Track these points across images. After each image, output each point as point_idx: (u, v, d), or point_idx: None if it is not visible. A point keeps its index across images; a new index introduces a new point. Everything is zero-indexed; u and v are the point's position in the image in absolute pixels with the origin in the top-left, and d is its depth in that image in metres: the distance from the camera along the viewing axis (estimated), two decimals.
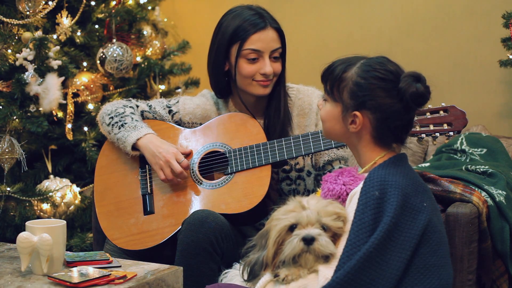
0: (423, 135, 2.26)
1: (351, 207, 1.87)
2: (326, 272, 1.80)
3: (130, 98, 2.66)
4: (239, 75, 2.46)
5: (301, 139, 2.39)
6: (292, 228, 1.85)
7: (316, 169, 2.53)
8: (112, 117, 2.53)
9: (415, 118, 2.25)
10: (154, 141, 2.45)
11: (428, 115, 2.26)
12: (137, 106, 2.61)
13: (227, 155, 2.45)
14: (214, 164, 2.49)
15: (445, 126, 2.24)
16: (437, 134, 2.25)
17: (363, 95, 1.89)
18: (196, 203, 2.41)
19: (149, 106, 2.62)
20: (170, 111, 2.61)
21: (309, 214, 1.84)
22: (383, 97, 1.88)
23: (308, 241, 1.81)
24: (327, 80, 1.97)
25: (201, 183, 2.45)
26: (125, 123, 2.49)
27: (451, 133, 2.24)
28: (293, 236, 1.83)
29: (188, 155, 2.48)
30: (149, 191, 2.50)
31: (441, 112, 2.26)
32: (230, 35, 2.44)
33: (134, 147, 2.48)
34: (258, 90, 2.46)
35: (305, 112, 2.53)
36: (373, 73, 1.89)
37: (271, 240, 1.86)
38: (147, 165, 2.53)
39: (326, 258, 1.83)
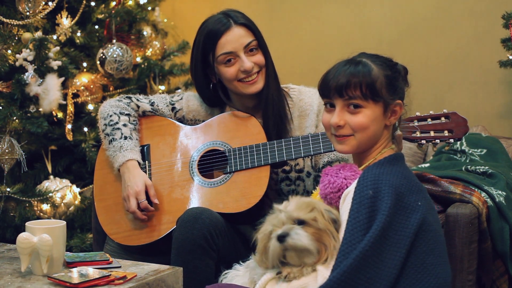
0: (423, 141, 2.25)
1: (345, 207, 1.87)
2: (325, 271, 1.80)
3: (131, 96, 2.64)
4: (225, 81, 2.47)
5: (301, 141, 2.39)
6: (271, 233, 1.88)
7: (315, 170, 2.52)
8: (106, 125, 2.54)
9: (416, 124, 2.25)
10: (130, 170, 2.45)
11: (429, 121, 2.25)
12: (138, 107, 2.61)
13: (227, 154, 2.45)
14: (213, 163, 2.49)
15: (446, 133, 2.23)
16: (437, 140, 2.24)
17: (396, 84, 1.96)
18: (194, 201, 2.41)
19: (152, 103, 2.61)
20: (173, 109, 2.61)
21: (280, 215, 1.87)
22: (400, 79, 1.99)
23: (281, 238, 1.83)
24: (357, 88, 1.91)
25: (199, 181, 2.44)
26: (114, 139, 2.50)
27: (451, 140, 2.23)
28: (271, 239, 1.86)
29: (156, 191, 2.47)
30: None
31: (443, 118, 2.24)
32: (201, 49, 2.46)
33: None
34: (247, 89, 2.45)
35: (306, 113, 2.52)
36: (387, 63, 1.97)
37: (259, 252, 1.90)
38: (146, 161, 2.53)
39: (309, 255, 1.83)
